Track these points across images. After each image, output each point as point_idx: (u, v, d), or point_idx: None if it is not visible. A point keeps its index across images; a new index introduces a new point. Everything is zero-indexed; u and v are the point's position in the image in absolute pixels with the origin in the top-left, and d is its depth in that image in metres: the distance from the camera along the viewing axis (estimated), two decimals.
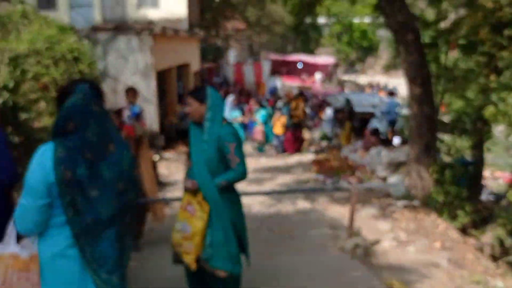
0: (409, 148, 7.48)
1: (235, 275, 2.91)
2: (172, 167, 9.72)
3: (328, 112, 14.71)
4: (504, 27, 6.58)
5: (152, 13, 14.40)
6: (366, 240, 4.96)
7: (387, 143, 10.02)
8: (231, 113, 11.18)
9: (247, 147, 12.67)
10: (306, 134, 13.45)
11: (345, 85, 29.65)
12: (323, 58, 36.79)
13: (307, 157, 11.02)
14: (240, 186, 3.17)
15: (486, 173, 9.66)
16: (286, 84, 32.31)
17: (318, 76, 34.82)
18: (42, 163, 1.86)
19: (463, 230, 6.49)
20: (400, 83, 33.02)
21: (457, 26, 7.75)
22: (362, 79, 32.34)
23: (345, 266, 4.28)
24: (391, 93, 13.13)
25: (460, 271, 4.52)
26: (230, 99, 12.26)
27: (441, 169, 7.09)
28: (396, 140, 11.23)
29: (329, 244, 5.01)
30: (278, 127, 11.83)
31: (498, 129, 8.68)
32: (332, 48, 37.18)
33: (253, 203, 6.65)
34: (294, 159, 11.11)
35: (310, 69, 34.92)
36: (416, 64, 6.94)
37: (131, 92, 5.69)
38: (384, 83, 30.33)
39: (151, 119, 10.72)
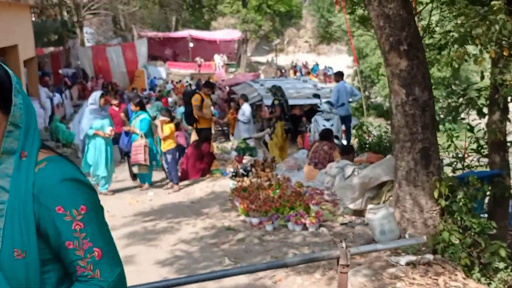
0: (395, 158, 6.92)
1: None
2: None
3: (245, 110, 14.62)
4: None
5: None
6: None
7: (349, 152, 9.29)
8: (95, 122, 10.00)
9: (121, 175, 11.87)
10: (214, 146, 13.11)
11: (259, 69, 29.44)
12: (224, 32, 36.66)
13: (223, 183, 10.65)
14: None
15: None
16: (174, 72, 31.52)
17: (218, 58, 34.63)
18: None
19: None
20: (334, 62, 33.88)
21: None
22: (283, 60, 32.44)
23: None
24: (340, 75, 12.64)
25: None
26: (95, 97, 10.24)
27: (451, 189, 6.43)
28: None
29: None
30: (167, 139, 11.00)
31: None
32: (235, 18, 37.00)
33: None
34: (201, 189, 10.71)
35: (207, 49, 34.60)
36: (398, 19, 6.29)
37: None
38: (315, 63, 30.62)
39: None
